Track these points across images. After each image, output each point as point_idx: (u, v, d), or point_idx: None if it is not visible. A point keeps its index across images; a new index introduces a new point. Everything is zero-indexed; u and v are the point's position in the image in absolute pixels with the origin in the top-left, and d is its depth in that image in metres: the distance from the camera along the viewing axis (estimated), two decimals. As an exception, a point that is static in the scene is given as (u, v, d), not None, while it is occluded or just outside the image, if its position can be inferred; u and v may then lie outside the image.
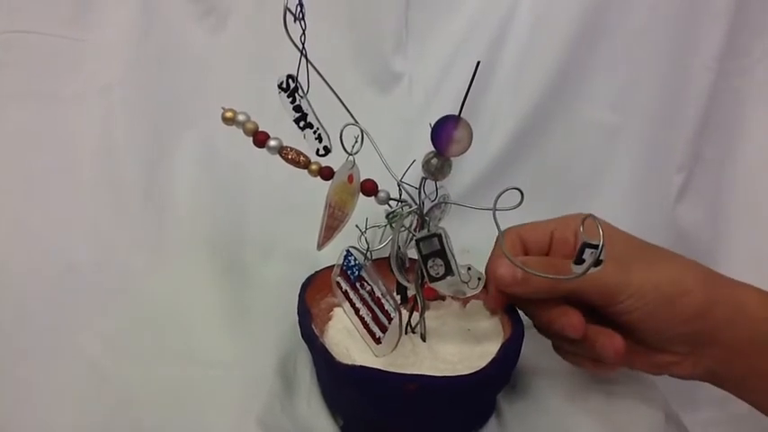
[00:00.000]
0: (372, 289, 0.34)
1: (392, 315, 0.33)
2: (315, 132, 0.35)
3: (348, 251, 0.35)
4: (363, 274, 0.34)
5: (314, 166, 0.37)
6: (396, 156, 0.36)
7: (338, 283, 0.35)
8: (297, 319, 0.39)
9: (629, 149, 0.57)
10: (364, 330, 0.34)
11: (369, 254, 0.35)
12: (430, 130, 0.33)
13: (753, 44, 0.54)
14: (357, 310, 0.35)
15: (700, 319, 0.35)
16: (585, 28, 0.55)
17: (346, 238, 0.38)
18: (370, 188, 0.37)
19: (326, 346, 0.36)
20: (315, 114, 0.35)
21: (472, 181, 0.59)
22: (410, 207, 0.35)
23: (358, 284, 0.34)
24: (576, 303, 0.36)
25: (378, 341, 0.34)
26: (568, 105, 0.57)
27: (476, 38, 0.57)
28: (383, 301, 0.33)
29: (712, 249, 0.55)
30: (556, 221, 0.41)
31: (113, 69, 0.55)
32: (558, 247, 0.40)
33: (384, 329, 0.33)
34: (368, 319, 0.34)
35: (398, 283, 0.38)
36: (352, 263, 0.35)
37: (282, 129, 0.36)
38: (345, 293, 0.35)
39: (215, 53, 0.56)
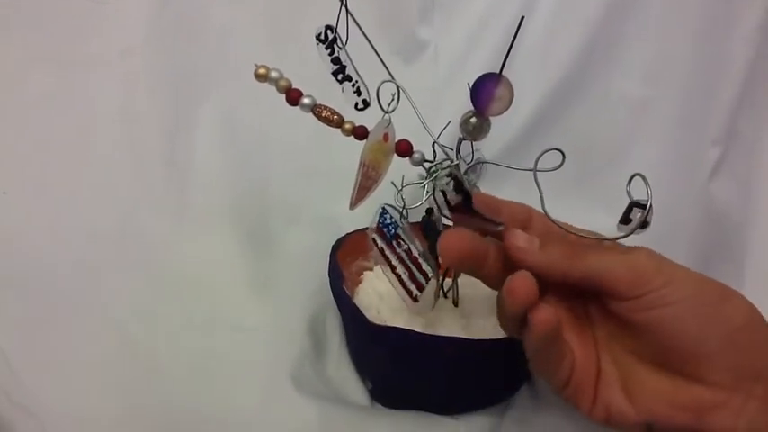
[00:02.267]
0: (409, 248, 0.33)
1: (430, 275, 0.32)
2: (353, 85, 0.34)
3: (384, 209, 0.34)
4: (400, 232, 0.33)
5: (347, 125, 0.36)
6: (421, 124, 0.35)
7: (374, 239, 0.35)
8: (323, 284, 0.39)
9: (662, 122, 0.55)
10: (401, 288, 0.33)
11: (405, 212, 0.34)
12: (468, 89, 0.32)
13: None
14: (393, 268, 0.34)
15: (747, 333, 0.28)
16: None
17: (378, 198, 0.37)
18: (404, 148, 0.36)
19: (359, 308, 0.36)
20: (354, 67, 0.34)
21: (497, 152, 0.57)
22: (450, 163, 0.34)
23: (394, 243, 0.34)
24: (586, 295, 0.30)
25: (415, 299, 0.33)
26: (599, 76, 0.55)
27: (504, 7, 0.56)
28: (420, 260, 0.33)
29: (744, 228, 0.54)
30: None
31: (135, 33, 0.54)
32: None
33: (421, 288, 0.33)
34: (404, 277, 0.33)
35: (430, 248, 0.37)
36: (389, 221, 0.34)
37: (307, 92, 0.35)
38: (381, 251, 0.34)
39: (237, 17, 0.55)
